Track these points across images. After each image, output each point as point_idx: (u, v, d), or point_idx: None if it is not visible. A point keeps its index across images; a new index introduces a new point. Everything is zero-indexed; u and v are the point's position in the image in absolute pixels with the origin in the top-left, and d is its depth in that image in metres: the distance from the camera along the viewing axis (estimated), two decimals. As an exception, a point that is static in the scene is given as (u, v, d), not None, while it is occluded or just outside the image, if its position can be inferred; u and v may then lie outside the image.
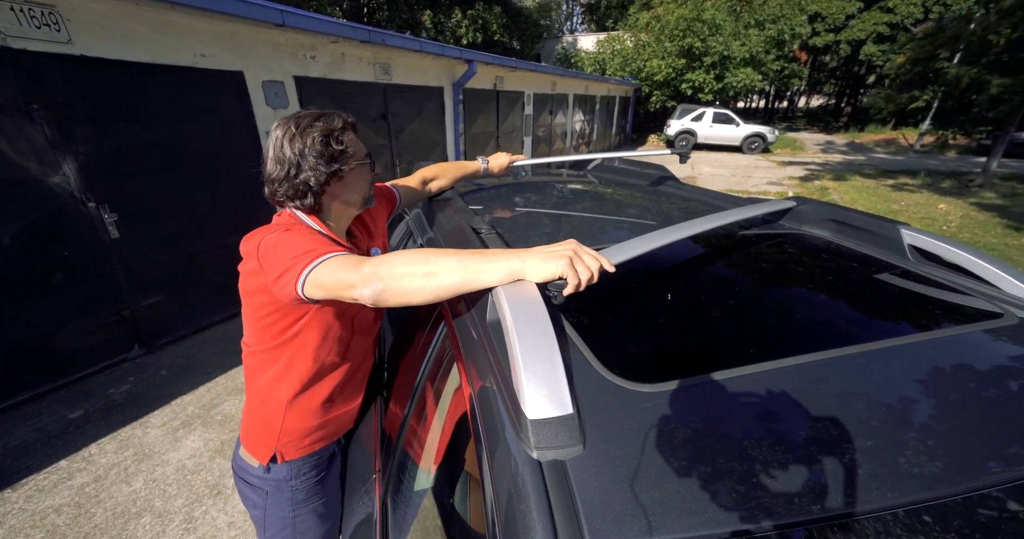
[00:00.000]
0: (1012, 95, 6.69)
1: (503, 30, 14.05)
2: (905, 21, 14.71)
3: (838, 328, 0.66)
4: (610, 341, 0.63)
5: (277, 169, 0.76)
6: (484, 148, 7.09)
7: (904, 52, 8.16)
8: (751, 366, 0.54)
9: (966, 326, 0.62)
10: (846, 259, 0.87)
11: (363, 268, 0.62)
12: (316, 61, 3.78)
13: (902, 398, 0.51)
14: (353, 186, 0.83)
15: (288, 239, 0.70)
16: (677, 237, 0.75)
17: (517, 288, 0.60)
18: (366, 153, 0.85)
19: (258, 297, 0.76)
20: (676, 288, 0.77)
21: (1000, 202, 6.96)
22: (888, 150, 14.61)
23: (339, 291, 0.64)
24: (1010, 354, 0.58)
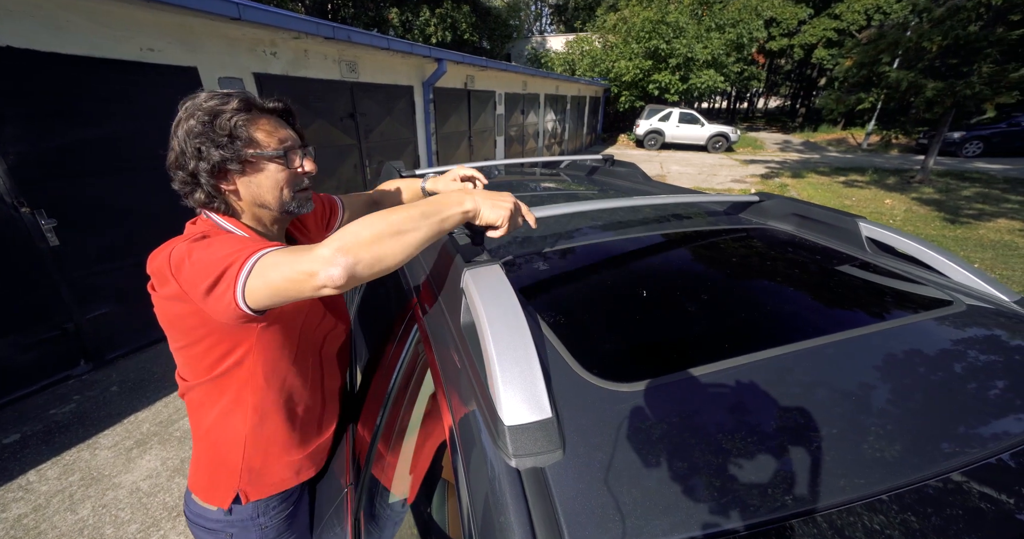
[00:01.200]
0: (944, 98, 7.24)
1: (472, 29, 13.98)
2: (850, 27, 15.72)
3: (806, 320, 0.68)
4: (587, 340, 0.63)
5: (170, 155, 0.67)
6: (456, 148, 7.03)
7: (851, 56, 8.71)
8: (725, 361, 0.55)
9: (922, 314, 0.66)
10: (810, 252, 0.91)
11: (318, 251, 0.53)
12: (277, 58, 3.62)
13: (867, 387, 0.53)
14: (259, 183, 0.69)
15: (207, 244, 0.59)
16: (611, 205, 0.85)
17: (491, 289, 0.58)
18: (285, 145, 0.70)
19: (184, 322, 0.63)
20: (649, 284, 0.77)
21: (938, 197, 7.54)
22: (839, 149, 15.55)
23: (296, 286, 0.53)
24: (959, 339, 0.62)
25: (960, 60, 7.36)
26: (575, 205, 0.88)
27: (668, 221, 1.06)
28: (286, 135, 0.71)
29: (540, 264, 0.81)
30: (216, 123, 0.64)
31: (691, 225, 1.03)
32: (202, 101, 0.65)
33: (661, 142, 14.50)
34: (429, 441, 0.64)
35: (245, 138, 0.66)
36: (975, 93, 6.97)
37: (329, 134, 4.33)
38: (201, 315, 0.61)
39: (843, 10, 15.68)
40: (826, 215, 0.96)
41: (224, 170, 0.66)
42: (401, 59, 5.12)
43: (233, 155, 0.65)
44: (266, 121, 0.69)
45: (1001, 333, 0.63)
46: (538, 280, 0.77)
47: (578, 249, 0.87)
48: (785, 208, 1.05)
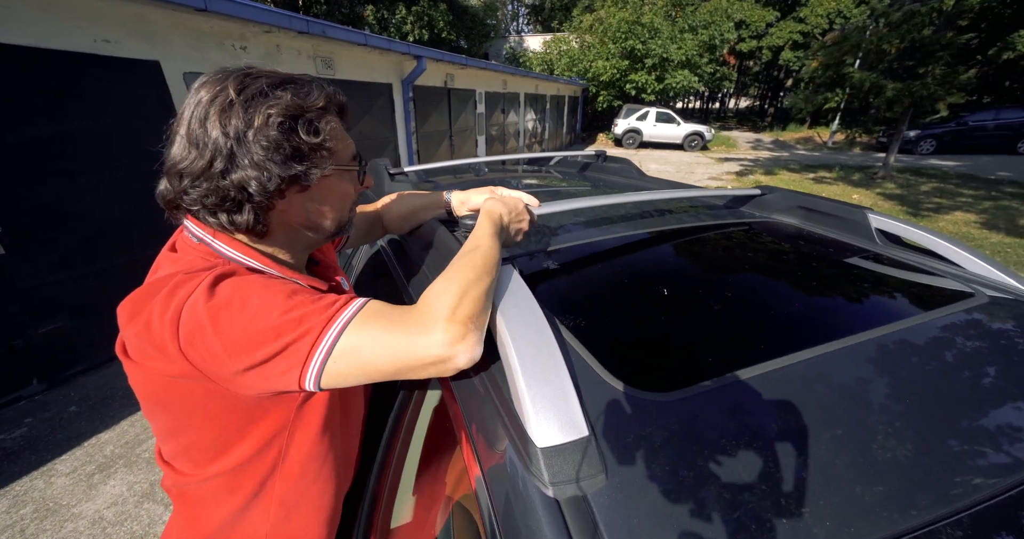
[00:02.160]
0: (903, 98, 7.63)
1: (450, 28, 13.83)
2: (814, 30, 16.41)
3: (837, 317, 0.65)
4: (613, 345, 0.57)
5: (191, 156, 0.45)
6: (437, 148, 6.91)
7: (817, 58, 9.07)
8: (764, 364, 0.51)
9: (948, 308, 0.64)
10: (823, 245, 0.89)
11: (441, 325, 0.42)
12: (248, 53, 3.44)
13: (918, 388, 0.49)
14: (326, 201, 0.53)
15: (237, 301, 0.43)
16: (618, 201, 0.85)
17: (509, 294, 0.52)
18: (354, 153, 0.56)
19: (189, 401, 0.48)
20: (669, 283, 0.74)
21: (900, 192, 7.93)
22: (807, 147, 16.20)
23: (412, 373, 0.43)
24: (989, 332, 0.60)
25: (916, 62, 7.77)
26: (581, 201, 0.84)
27: (677, 216, 1.03)
28: (352, 143, 0.57)
29: (552, 264, 0.76)
30: (299, 126, 0.47)
31: (702, 220, 1.00)
32: (267, 87, 0.46)
33: (639, 141, 14.73)
34: (447, 471, 0.57)
35: (332, 148, 0.51)
36: (930, 93, 7.38)
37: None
38: (219, 391, 0.45)
39: (807, 14, 16.37)
40: (833, 207, 0.94)
41: (295, 187, 0.49)
42: (379, 56, 4.98)
43: (313, 169, 0.49)
44: (336, 121, 0.53)
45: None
46: (553, 282, 0.72)
47: (591, 247, 0.83)
48: (789, 201, 1.04)
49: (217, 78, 0.47)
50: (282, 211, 0.51)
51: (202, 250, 0.50)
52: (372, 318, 0.44)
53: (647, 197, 0.94)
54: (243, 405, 0.49)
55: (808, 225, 0.99)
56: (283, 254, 0.55)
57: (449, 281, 0.48)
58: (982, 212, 6.14)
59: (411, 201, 0.84)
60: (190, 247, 0.50)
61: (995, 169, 9.92)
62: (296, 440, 0.54)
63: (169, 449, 0.54)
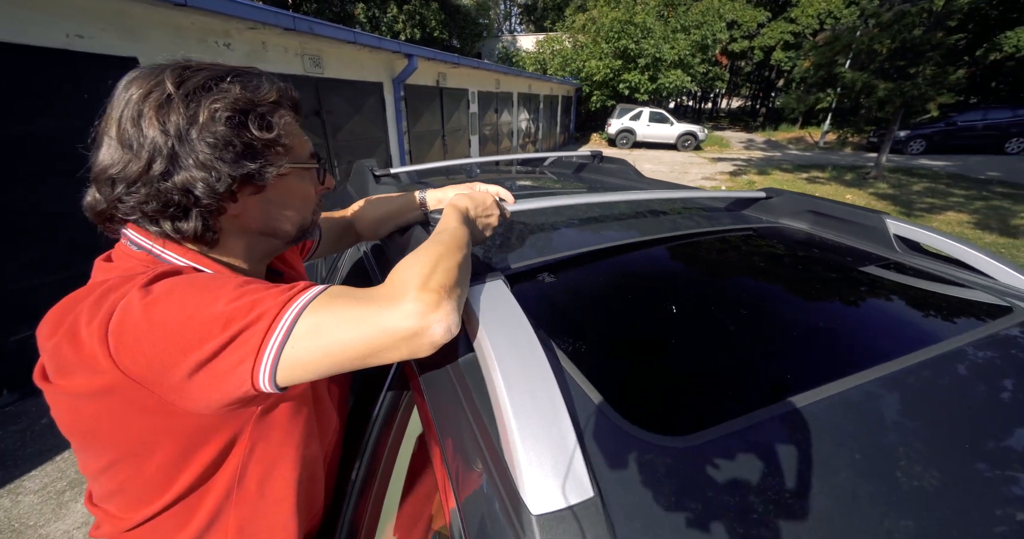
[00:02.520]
0: (894, 98, 7.68)
1: (442, 27, 13.72)
2: (805, 31, 16.53)
3: (868, 338, 0.58)
4: (620, 376, 0.50)
5: (125, 159, 0.40)
6: (430, 148, 6.82)
7: (809, 58, 9.11)
8: (797, 396, 0.44)
9: (986, 327, 0.58)
10: (838, 254, 0.83)
11: (412, 293, 0.38)
12: (232, 50, 3.34)
13: (969, 423, 0.43)
14: (285, 202, 0.49)
15: (178, 292, 0.37)
16: (612, 200, 0.81)
17: (497, 314, 0.46)
18: (312, 152, 0.52)
19: (123, 427, 0.40)
20: (678, 298, 0.66)
21: (892, 192, 7.98)
22: (798, 147, 16.31)
23: (383, 352, 0.38)
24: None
25: (907, 62, 7.83)
26: (570, 197, 0.78)
27: (681, 221, 0.97)
28: (309, 141, 0.52)
29: (547, 277, 0.69)
30: (251, 121, 0.42)
31: (706, 225, 0.94)
32: (210, 81, 0.41)
33: (632, 141, 14.73)
34: (433, 505, 0.50)
35: (287, 145, 0.46)
36: (921, 93, 7.43)
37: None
38: (159, 407, 0.38)
39: (798, 14, 16.49)
40: (847, 211, 0.89)
41: (249, 188, 0.44)
42: (369, 54, 4.88)
43: (268, 167, 0.44)
44: (290, 116, 0.48)
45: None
46: (548, 298, 0.65)
47: (589, 257, 0.76)
48: (798, 204, 0.98)
49: (149, 73, 0.41)
50: (235, 215, 0.46)
51: (142, 257, 0.44)
52: (335, 297, 0.39)
53: (643, 197, 0.88)
54: (190, 423, 0.41)
55: (819, 230, 0.93)
56: (240, 262, 0.49)
57: (417, 254, 0.45)
58: (974, 212, 6.18)
59: (384, 204, 0.78)
60: (128, 256, 0.44)
61: (984, 169, 10.04)
62: (257, 457, 0.47)
63: (102, 490, 0.46)
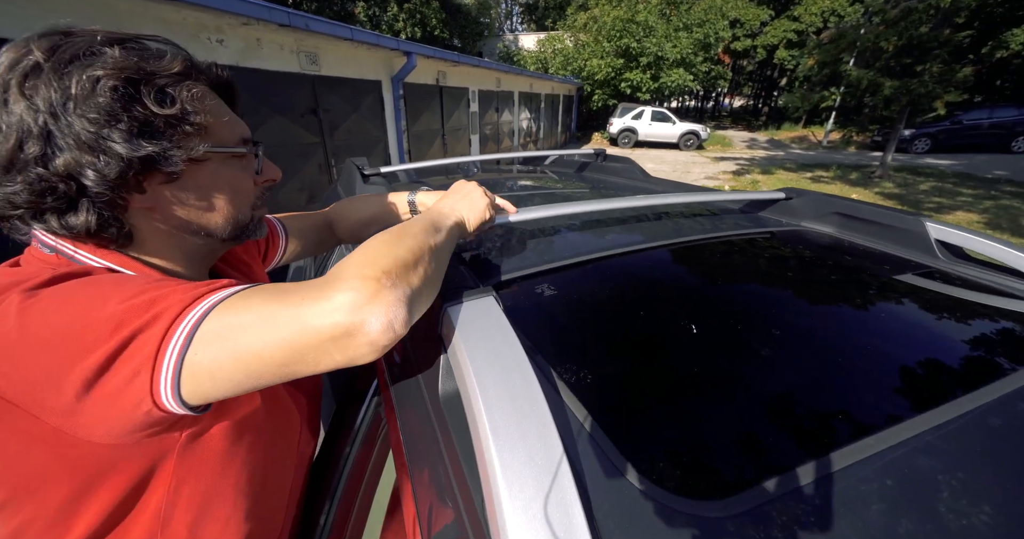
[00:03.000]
0: (901, 96, 7.58)
1: (443, 26, 13.64)
2: (808, 29, 16.39)
3: (930, 368, 0.49)
4: (634, 420, 0.41)
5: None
6: (429, 147, 6.75)
7: (813, 56, 9.01)
8: (854, 446, 0.36)
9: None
10: (874, 261, 0.73)
11: (349, 283, 0.31)
12: (225, 46, 3.27)
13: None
14: (209, 194, 0.41)
15: (65, 293, 0.31)
16: (621, 206, 0.72)
17: (485, 338, 0.38)
18: (245, 137, 0.45)
19: (20, 458, 0.33)
20: (700, 322, 0.57)
21: (898, 191, 7.88)
22: (801, 146, 16.18)
23: (311, 356, 0.31)
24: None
25: (914, 60, 7.71)
26: (575, 206, 0.70)
27: (695, 225, 0.88)
28: (242, 125, 0.46)
29: (546, 291, 0.60)
30: (144, 93, 0.35)
31: (725, 230, 0.85)
32: (90, 47, 0.34)
33: (634, 140, 14.63)
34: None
35: (199, 124, 0.38)
36: (928, 91, 7.32)
37: (289, 131, 3.98)
38: (51, 441, 0.32)
39: (801, 12, 16.36)
40: (879, 213, 0.80)
41: (146, 174, 0.37)
42: (367, 52, 4.81)
43: (174, 150, 0.37)
44: (212, 96, 0.42)
45: None
46: (545, 317, 0.55)
47: (595, 269, 0.67)
48: (823, 206, 0.89)
49: (19, 42, 0.34)
50: (148, 209, 0.39)
51: (52, 261, 0.38)
52: (255, 293, 0.33)
53: (655, 202, 0.79)
54: (88, 454, 0.33)
55: (847, 234, 0.84)
56: (171, 264, 0.43)
57: (366, 243, 0.38)
58: (984, 212, 6.07)
59: (368, 206, 0.70)
60: (38, 259, 0.38)
61: (991, 168, 9.92)
62: (185, 497, 0.39)
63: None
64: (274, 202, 4.03)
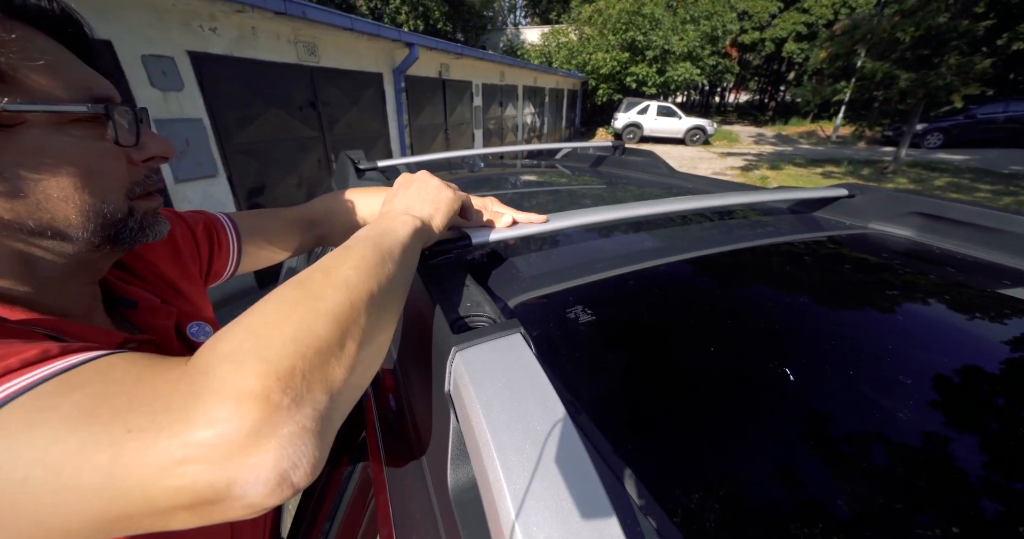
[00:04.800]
0: (917, 89, 7.35)
1: (445, 19, 13.44)
2: (819, 21, 16.05)
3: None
4: (702, 490, 0.30)
5: None
6: (432, 142, 6.60)
7: (826, 48, 8.76)
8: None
9: None
10: (989, 275, 0.60)
11: (199, 407, 0.19)
12: (218, 35, 3.13)
13: None
14: (33, 175, 0.28)
15: None
16: (650, 212, 0.59)
17: (516, 396, 0.27)
18: (96, 94, 0.31)
19: None
20: (780, 355, 0.44)
21: (913, 187, 7.68)
22: (810, 141, 15.91)
23: (126, 526, 0.19)
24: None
25: (931, 51, 7.48)
26: (608, 211, 0.57)
27: (749, 230, 0.75)
28: (91, 77, 0.32)
29: (584, 317, 0.47)
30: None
31: (786, 233, 0.72)
32: None
33: (640, 135, 14.42)
34: None
35: (3, 70, 0.26)
36: (946, 84, 7.09)
37: (286, 125, 3.85)
38: None
39: (811, 4, 16.01)
40: (979, 214, 0.66)
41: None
42: (368, 42, 4.65)
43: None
44: (37, 39, 0.29)
45: None
46: (587, 358, 0.42)
47: (639, 286, 0.54)
48: (898, 205, 0.76)
49: None
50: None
51: None
52: (68, 391, 0.20)
53: (700, 204, 0.66)
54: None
55: (930, 239, 0.71)
56: (23, 284, 0.30)
57: (259, 309, 0.26)
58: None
59: (360, 207, 0.56)
60: None
61: (1007, 163, 9.67)
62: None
63: None
64: (271, 198, 3.92)
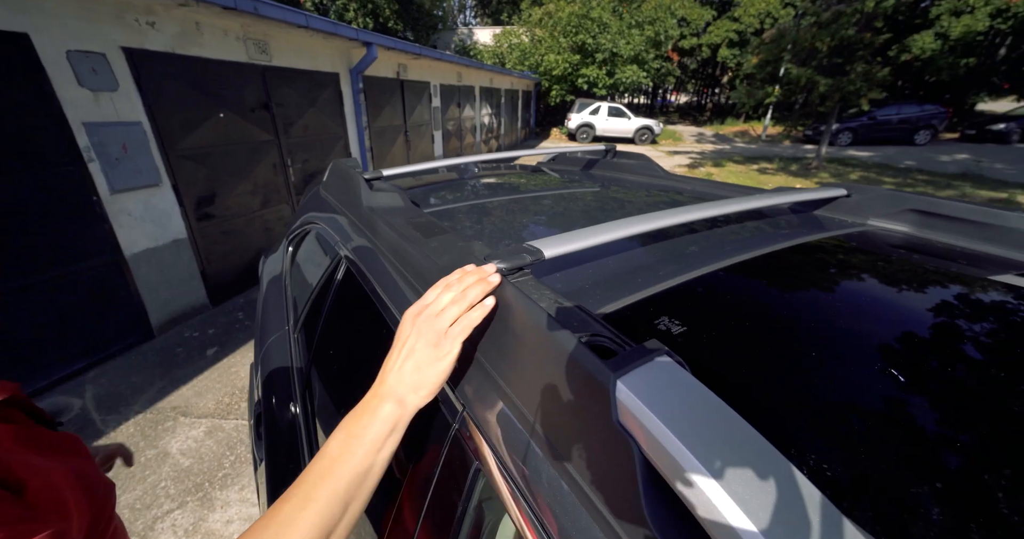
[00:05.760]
0: (834, 92, 8.26)
1: (396, 18, 13.05)
2: (747, 30, 17.48)
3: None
4: None
5: None
6: (392, 144, 6.41)
7: (757, 54, 9.59)
8: None
9: None
10: (995, 266, 0.67)
11: None
12: (158, 30, 2.83)
13: None
14: None
15: None
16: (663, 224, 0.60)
17: (670, 385, 0.30)
18: None
19: None
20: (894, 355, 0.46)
21: (834, 180, 8.62)
22: (744, 140, 17.31)
23: None
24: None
25: (843, 60, 8.43)
26: (648, 220, 0.59)
27: (769, 233, 0.82)
28: None
29: (670, 328, 0.49)
30: None
31: (802, 234, 0.79)
32: None
33: (592, 135, 14.91)
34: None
35: None
36: (856, 88, 8.04)
37: (237, 128, 3.57)
38: None
39: (741, 13, 17.39)
40: (972, 210, 0.77)
41: None
42: (323, 41, 4.42)
43: None
44: None
45: None
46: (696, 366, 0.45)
47: (702, 291, 0.57)
48: (894, 203, 0.86)
49: None
50: None
51: None
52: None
53: (728, 209, 0.70)
54: None
55: (927, 234, 0.82)
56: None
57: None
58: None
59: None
60: None
61: (902, 159, 11.13)
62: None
63: None
64: (222, 207, 3.61)
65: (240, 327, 3.27)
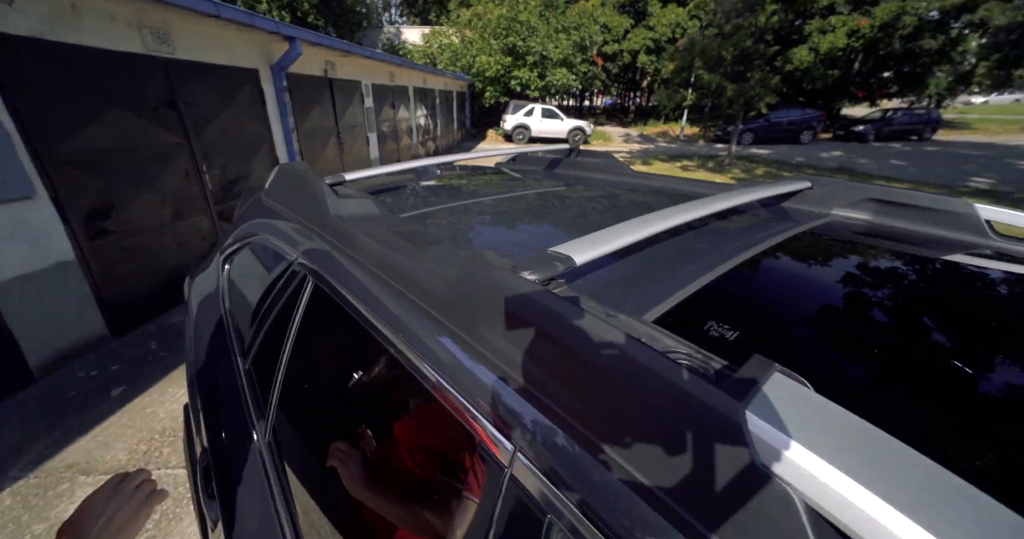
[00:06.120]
0: (739, 97, 9.28)
1: (316, 13, 12.18)
2: (661, 38, 19.00)
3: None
4: None
5: None
6: (324, 147, 5.97)
7: (673, 60, 10.46)
8: None
9: None
10: (937, 248, 0.75)
11: None
12: (19, 10, 2.33)
13: None
14: None
15: None
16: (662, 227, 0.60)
17: (794, 404, 0.27)
18: None
19: None
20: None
21: (744, 176, 9.67)
22: (665, 139, 18.80)
23: None
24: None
25: (744, 68, 9.50)
26: (617, 232, 0.57)
27: (760, 228, 0.86)
28: None
29: (724, 333, 0.48)
30: None
31: (788, 228, 0.84)
32: None
33: (528, 136, 15.21)
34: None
35: None
36: (756, 94, 9.11)
37: (137, 129, 3.07)
38: None
39: (655, 23, 18.86)
40: (918, 197, 0.86)
41: None
42: (238, 33, 3.97)
43: None
44: None
45: None
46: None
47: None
48: (853, 193, 0.95)
49: None
50: None
51: None
52: None
53: (711, 208, 0.72)
54: None
55: (885, 220, 0.91)
56: None
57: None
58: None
59: None
60: None
61: (793, 156, 12.85)
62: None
63: None
64: (123, 221, 3.08)
65: (155, 359, 2.81)
